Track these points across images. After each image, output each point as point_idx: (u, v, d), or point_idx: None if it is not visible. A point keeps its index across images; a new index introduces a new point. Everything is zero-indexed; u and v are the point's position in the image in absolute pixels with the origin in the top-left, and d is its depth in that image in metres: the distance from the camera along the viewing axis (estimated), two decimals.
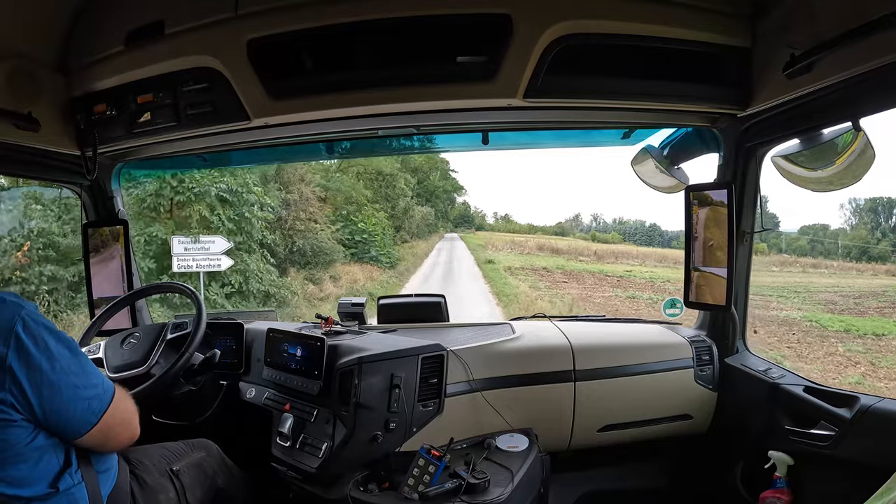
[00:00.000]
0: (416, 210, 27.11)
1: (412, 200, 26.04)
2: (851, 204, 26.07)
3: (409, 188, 25.17)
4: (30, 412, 0.96)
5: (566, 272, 19.66)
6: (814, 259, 22.69)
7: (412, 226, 26.51)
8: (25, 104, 1.55)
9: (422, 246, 26.41)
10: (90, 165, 1.74)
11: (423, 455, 1.47)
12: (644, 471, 2.03)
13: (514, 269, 20.09)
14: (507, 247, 28.62)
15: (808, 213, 62.32)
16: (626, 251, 26.11)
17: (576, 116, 1.70)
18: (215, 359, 1.63)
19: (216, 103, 1.55)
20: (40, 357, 0.96)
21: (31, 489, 0.98)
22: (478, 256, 24.63)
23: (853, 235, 25.21)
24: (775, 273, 19.44)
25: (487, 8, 1.37)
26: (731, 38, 1.46)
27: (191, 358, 1.58)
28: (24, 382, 0.94)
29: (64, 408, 0.99)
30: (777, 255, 22.67)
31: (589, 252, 25.96)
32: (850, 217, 26.75)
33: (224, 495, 1.52)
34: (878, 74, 1.14)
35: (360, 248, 17.22)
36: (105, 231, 2.06)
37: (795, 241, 25.10)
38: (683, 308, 2.12)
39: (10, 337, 0.94)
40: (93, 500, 1.08)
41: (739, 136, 1.69)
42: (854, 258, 22.60)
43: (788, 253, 23.48)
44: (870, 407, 1.36)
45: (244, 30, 1.45)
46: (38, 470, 0.99)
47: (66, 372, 0.99)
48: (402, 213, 24.45)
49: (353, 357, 1.56)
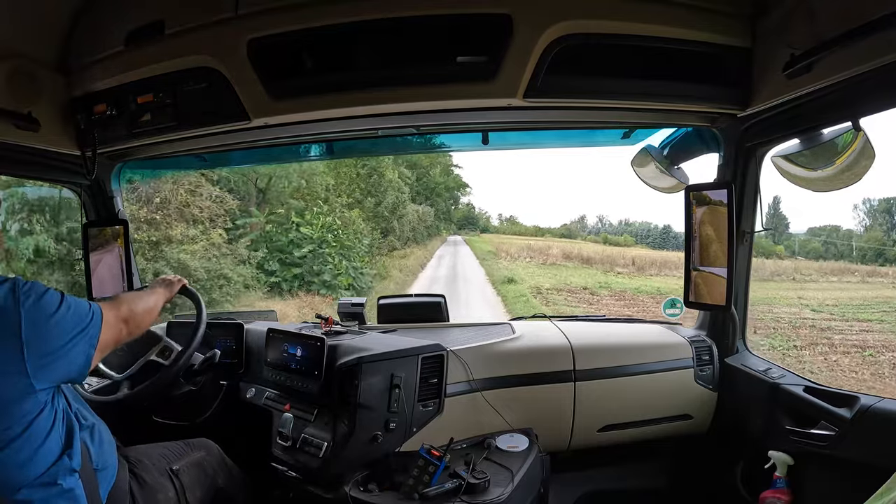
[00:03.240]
0: (409, 208, 21.71)
1: (405, 196, 20.60)
2: (865, 205, 25.55)
3: (403, 182, 20.22)
4: (49, 375, 0.99)
5: (615, 293, 14.59)
6: (861, 265, 19.79)
7: (405, 229, 20.90)
8: (25, 104, 1.55)
9: (417, 254, 20.81)
10: (90, 165, 1.74)
11: (423, 455, 1.47)
12: (644, 471, 2.03)
13: (544, 290, 14.81)
14: (523, 254, 22.97)
15: (816, 214, 62.02)
16: (665, 259, 20.20)
17: (576, 116, 1.70)
18: (215, 359, 1.64)
19: (216, 103, 1.55)
20: (44, 323, 0.98)
21: (28, 477, 0.98)
22: (491, 270, 18.68)
23: (868, 237, 24.42)
24: (835, 284, 16.02)
25: (487, 8, 1.37)
26: (731, 38, 1.46)
27: (191, 358, 1.58)
28: (36, 352, 0.97)
29: (71, 360, 1.03)
30: (828, 263, 19.91)
31: (625, 260, 20.62)
32: (864, 218, 26.31)
33: (224, 495, 1.52)
34: (878, 74, 1.14)
35: (305, 268, 11.40)
36: (105, 231, 2.06)
37: (808, 244, 24.64)
38: (683, 308, 2.12)
39: (19, 311, 0.96)
40: (91, 499, 1.08)
41: (739, 136, 1.69)
42: (870, 260, 21.52)
43: (801, 256, 22.22)
44: (870, 407, 1.36)
45: (244, 30, 1.45)
46: (39, 456, 0.99)
47: (64, 329, 1.02)
48: (391, 213, 18.63)
49: (353, 357, 1.56)
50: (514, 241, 31.22)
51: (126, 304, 1.24)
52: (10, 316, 0.95)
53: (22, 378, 0.96)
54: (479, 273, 18.46)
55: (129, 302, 1.26)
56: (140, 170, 2.34)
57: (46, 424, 1.00)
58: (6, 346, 0.95)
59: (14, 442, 0.96)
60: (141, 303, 1.31)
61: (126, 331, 1.21)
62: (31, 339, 0.96)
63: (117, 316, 1.18)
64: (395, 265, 16.67)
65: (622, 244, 31.77)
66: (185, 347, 1.60)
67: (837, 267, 19.41)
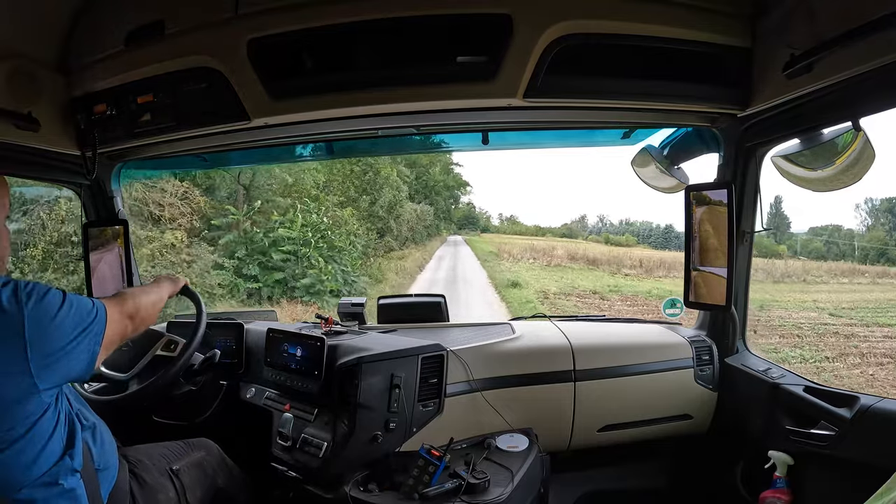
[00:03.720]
0: (406, 207, 21.04)
1: (402, 195, 20.02)
2: (867, 204, 25.54)
3: (402, 180, 19.81)
4: (52, 375, 0.99)
5: (625, 297, 14.02)
6: (869, 266, 19.51)
7: (402, 229, 20.35)
8: (25, 104, 1.55)
9: (415, 255, 20.15)
10: (90, 165, 1.74)
11: (423, 455, 1.47)
12: (644, 471, 2.03)
13: (551, 295, 14.03)
14: (526, 255, 22.26)
15: (816, 213, 61.87)
16: (673, 259, 19.17)
17: (576, 116, 1.70)
18: (215, 359, 1.64)
19: (216, 103, 1.55)
20: (47, 323, 0.98)
21: (30, 477, 0.97)
22: (493, 272, 17.83)
23: (870, 237, 24.38)
24: (846, 286, 15.70)
25: (487, 8, 1.37)
26: (731, 38, 1.46)
27: (190, 358, 1.58)
28: (40, 352, 0.97)
29: (75, 358, 1.02)
30: (837, 264, 19.37)
31: (632, 261, 20.11)
32: (866, 218, 26.21)
33: (224, 495, 1.52)
34: (878, 74, 1.14)
35: (288, 272, 10.50)
36: (105, 231, 2.06)
37: (810, 243, 24.44)
38: (683, 308, 2.12)
39: (22, 312, 0.96)
40: (92, 499, 1.08)
41: (739, 136, 1.69)
42: (873, 260, 21.36)
43: (804, 256, 22.02)
44: (870, 407, 1.36)
45: (244, 30, 1.45)
46: (42, 457, 0.99)
47: (66, 328, 1.01)
48: (387, 212, 18.02)
49: (353, 357, 1.56)
50: (516, 241, 30.75)
51: (131, 300, 1.22)
52: (14, 317, 0.95)
53: (25, 378, 0.95)
54: (480, 276, 17.46)
55: (134, 296, 1.24)
56: (140, 170, 2.34)
57: (49, 425, 1.00)
58: (9, 347, 0.95)
59: (17, 443, 0.96)
60: (146, 297, 1.29)
61: (132, 326, 1.20)
62: (35, 339, 0.96)
63: (122, 312, 1.17)
64: (392, 267, 15.91)
65: (624, 244, 31.27)
66: (189, 341, 1.60)
67: (846, 268, 19.05)
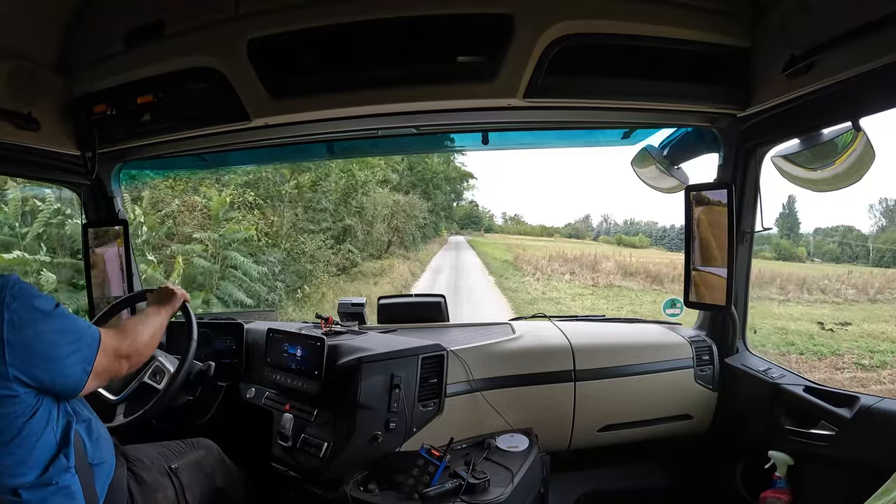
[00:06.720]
0: (379, 197, 14.28)
1: (370, 176, 13.35)
2: (882, 205, 25.17)
3: (380, 168, 14.14)
4: (33, 380, 0.97)
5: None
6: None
7: (375, 228, 14.00)
8: (25, 104, 1.55)
9: (399, 269, 14.03)
10: (90, 165, 1.74)
11: (423, 455, 1.47)
12: (644, 471, 2.03)
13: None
14: (556, 266, 16.94)
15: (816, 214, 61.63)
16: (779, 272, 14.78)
17: (576, 116, 1.70)
18: (210, 371, 1.59)
19: (216, 103, 1.55)
20: (30, 326, 0.97)
21: (24, 478, 0.97)
22: (519, 304, 11.02)
23: (885, 238, 23.81)
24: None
25: (488, 8, 1.37)
26: (731, 38, 1.46)
27: (189, 373, 1.55)
28: (19, 354, 0.95)
29: (59, 371, 1.00)
30: (882, 270, 16.10)
31: (673, 272, 14.49)
32: (880, 218, 25.75)
33: (223, 494, 1.51)
34: (878, 74, 1.14)
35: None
36: (105, 231, 2.06)
37: (823, 245, 23.86)
38: (683, 308, 2.12)
39: (2, 313, 0.94)
40: (87, 493, 1.07)
41: (739, 136, 1.69)
42: (888, 262, 19.96)
43: (817, 258, 21.02)
44: (870, 407, 1.36)
45: (244, 30, 1.45)
46: (34, 457, 0.98)
47: (51, 336, 1.00)
48: (344, 202, 12.40)
49: (353, 357, 1.56)
50: (529, 243, 26.33)
51: (129, 338, 1.18)
52: None
53: (2, 380, 0.94)
54: (499, 306, 10.40)
55: (132, 333, 1.21)
56: (140, 170, 2.34)
57: (39, 426, 0.99)
58: None
59: (6, 446, 0.96)
60: (145, 330, 1.25)
61: (127, 366, 1.17)
62: (14, 340, 0.95)
63: (117, 351, 1.13)
64: (353, 290, 9.98)
65: (637, 245, 29.19)
66: (177, 370, 1.53)
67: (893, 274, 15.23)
